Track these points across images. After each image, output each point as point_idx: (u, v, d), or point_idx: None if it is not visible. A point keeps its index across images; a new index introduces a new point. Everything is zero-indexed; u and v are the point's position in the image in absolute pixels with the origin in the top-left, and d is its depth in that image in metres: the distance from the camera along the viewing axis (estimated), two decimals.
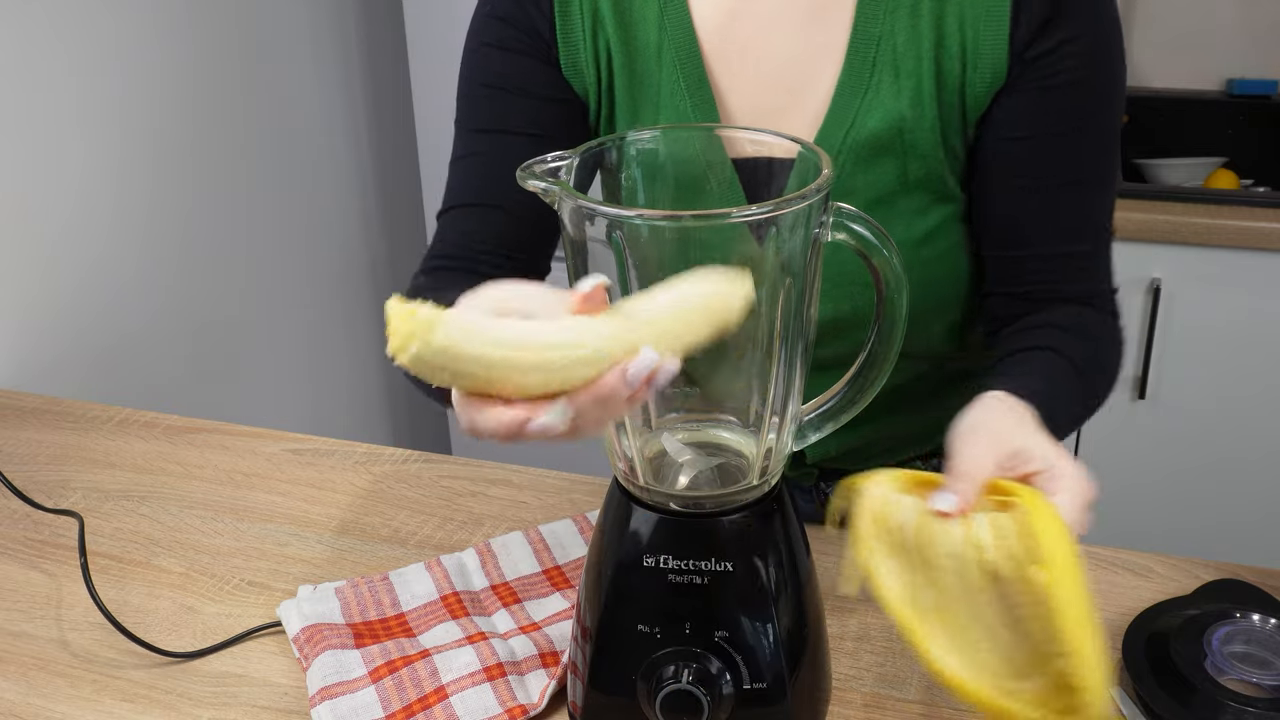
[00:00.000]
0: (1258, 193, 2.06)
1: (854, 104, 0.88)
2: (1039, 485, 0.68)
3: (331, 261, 2.17)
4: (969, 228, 0.95)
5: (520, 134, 0.93)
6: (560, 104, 0.93)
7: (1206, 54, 2.31)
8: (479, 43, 0.94)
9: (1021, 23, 0.85)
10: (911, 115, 0.88)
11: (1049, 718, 0.61)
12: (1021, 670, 0.63)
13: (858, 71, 0.88)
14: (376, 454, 1.18)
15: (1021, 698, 0.62)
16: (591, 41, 0.91)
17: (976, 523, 0.64)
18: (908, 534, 0.66)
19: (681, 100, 0.91)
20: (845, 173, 0.89)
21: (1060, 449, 0.71)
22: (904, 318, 0.73)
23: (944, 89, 0.88)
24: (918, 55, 0.87)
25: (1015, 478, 0.69)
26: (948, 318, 0.98)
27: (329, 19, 2.09)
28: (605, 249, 0.67)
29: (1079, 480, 0.68)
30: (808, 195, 0.66)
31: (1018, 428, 0.73)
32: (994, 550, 0.62)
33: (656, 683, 0.72)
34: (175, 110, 1.72)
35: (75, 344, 1.56)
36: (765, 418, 0.73)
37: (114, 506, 1.11)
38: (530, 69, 0.92)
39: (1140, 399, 2.03)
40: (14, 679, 0.90)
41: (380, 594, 0.95)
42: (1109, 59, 0.88)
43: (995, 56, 0.86)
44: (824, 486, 1.09)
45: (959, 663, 0.63)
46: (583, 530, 1.02)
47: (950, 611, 0.64)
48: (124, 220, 1.64)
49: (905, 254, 0.89)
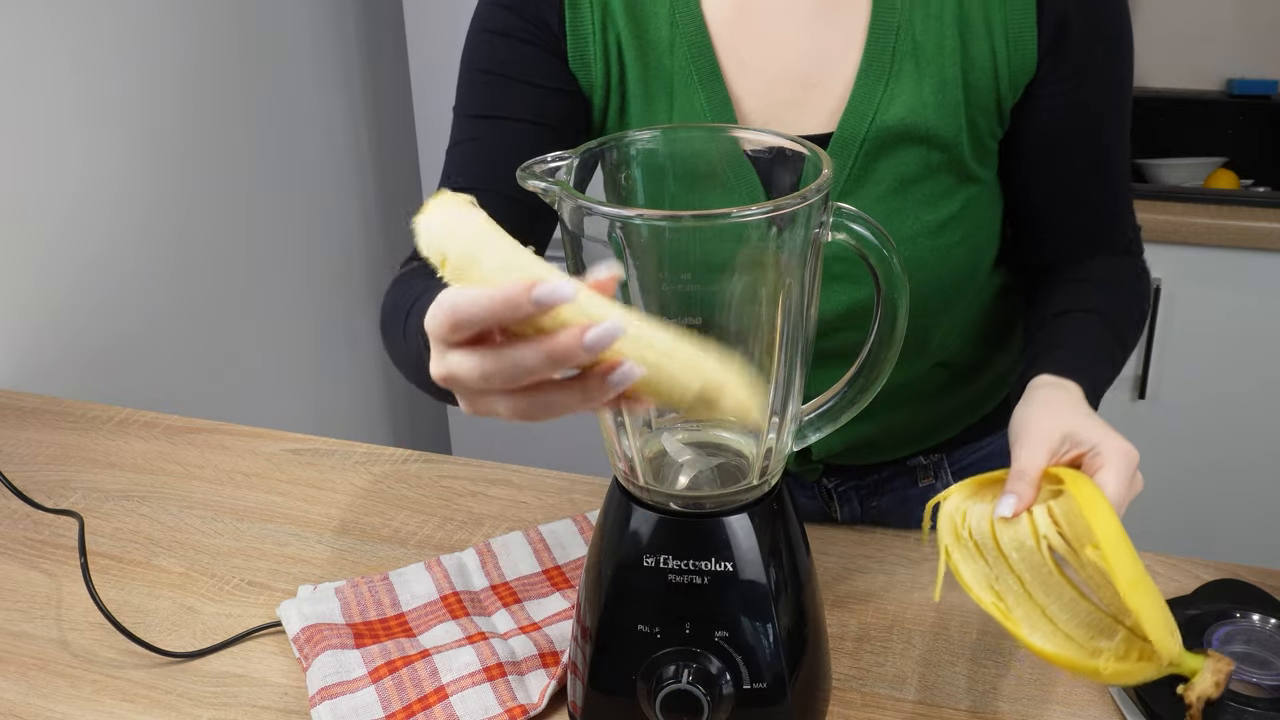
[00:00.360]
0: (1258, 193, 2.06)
1: (876, 94, 0.89)
2: (1088, 465, 0.75)
3: (331, 261, 2.17)
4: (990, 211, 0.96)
5: (520, 120, 0.92)
6: (563, 95, 0.93)
7: (1206, 54, 2.31)
8: (483, 29, 0.93)
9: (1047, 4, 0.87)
10: (935, 102, 0.88)
11: (1132, 665, 0.69)
12: (1101, 632, 0.70)
13: (878, 62, 0.88)
14: (376, 454, 1.18)
15: (1107, 655, 0.69)
16: (601, 35, 0.91)
17: (1036, 515, 0.71)
18: (981, 537, 0.73)
19: (695, 94, 0.91)
20: (867, 161, 0.89)
21: (1104, 427, 0.77)
22: (904, 318, 0.73)
23: (971, 71, 0.88)
24: (939, 42, 0.88)
25: (1067, 461, 0.76)
26: (961, 309, 0.99)
27: (329, 19, 2.09)
28: (605, 249, 0.67)
29: (1121, 455, 0.74)
30: (808, 195, 0.66)
31: (1065, 413, 0.78)
32: (1054, 537, 0.70)
33: (656, 683, 0.72)
34: (175, 110, 1.72)
35: (75, 344, 1.56)
36: (765, 418, 0.73)
37: (114, 506, 1.11)
38: (534, 59, 0.92)
39: (1140, 399, 2.03)
40: (14, 679, 0.90)
41: (380, 594, 0.95)
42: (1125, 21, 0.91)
43: (1024, 36, 0.87)
44: (826, 483, 1.09)
45: (1046, 638, 0.70)
46: (583, 530, 1.02)
47: (1030, 596, 0.71)
48: (124, 220, 1.64)
49: (924, 240, 0.91)
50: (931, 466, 1.08)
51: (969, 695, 0.84)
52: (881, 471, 1.08)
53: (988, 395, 1.07)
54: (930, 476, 1.08)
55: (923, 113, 0.88)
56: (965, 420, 1.07)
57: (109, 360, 1.62)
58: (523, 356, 0.53)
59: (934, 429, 1.06)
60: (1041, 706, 0.83)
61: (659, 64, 0.92)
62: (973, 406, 1.07)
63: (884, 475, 1.08)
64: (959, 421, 1.07)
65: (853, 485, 1.09)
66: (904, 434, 1.05)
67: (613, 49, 0.91)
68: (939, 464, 1.08)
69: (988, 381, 1.06)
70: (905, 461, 1.08)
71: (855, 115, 0.89)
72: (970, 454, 1.09)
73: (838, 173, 0.90)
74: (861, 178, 0.90)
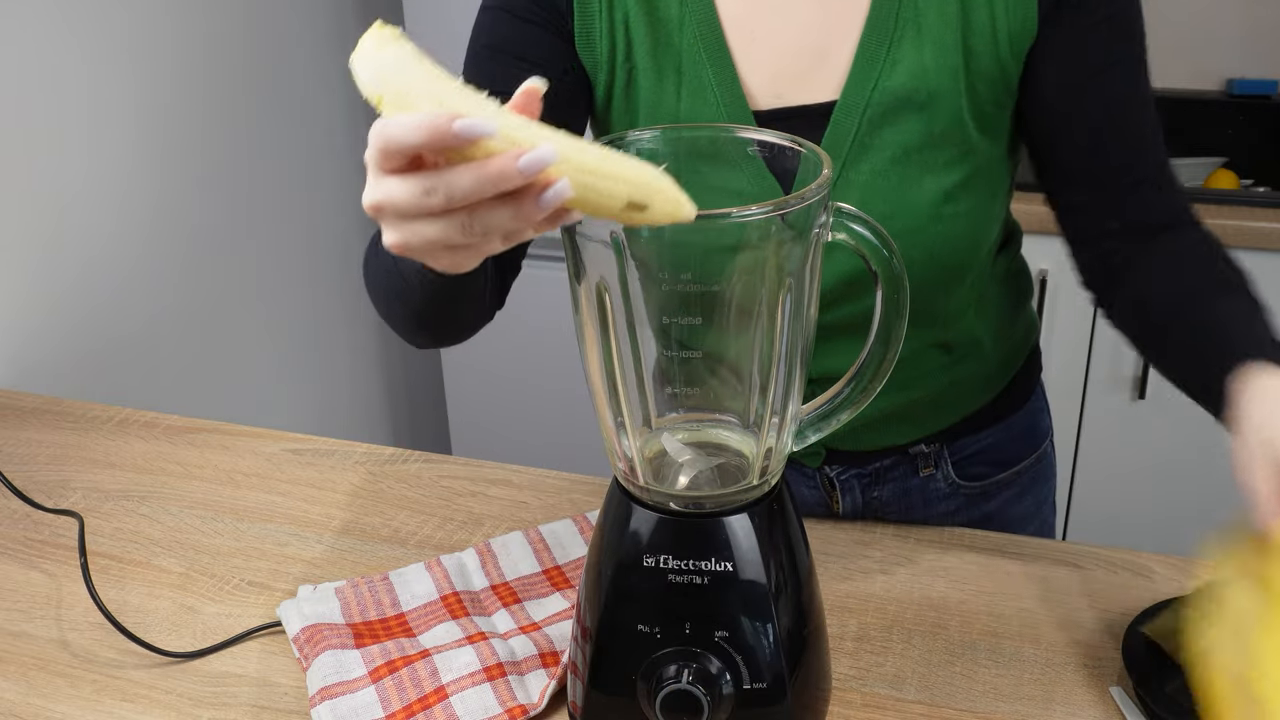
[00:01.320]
0: (1258, 193, 2.06)
1: (878, 61, 0.90)
2: None
3: (332, 261, 2.17)
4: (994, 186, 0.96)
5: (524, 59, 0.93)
6: (565, 75, 0.94)
7: (1206, 54, 2.31)
8: (490, 6, 0.95)
9: None
10: (934, 67, 0.89)
11: None
12: None
13: (880, 29, 0.90)
14: (376, 454, 1.18)
15: None
16: (608, 12, 0.92)
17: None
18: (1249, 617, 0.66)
19: (703, 70, 0.92)
20: (871, 129, 0.91)
21: None
22: (904, 318, 0.73)
23: (971, 36, 0.89)
24: (940, 7, 0.89)
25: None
26: (965, 284, 0.99)
27: (329, 19, 2.09)
28: (605, 248, 0.67)
29: None
30: (808, 195, 0.66)
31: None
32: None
33: (656, 683, 0.72)
34: (176, 111, 1.72)
35: (75, 344, 1.56)
36: (765, 418, 0.73)
37: (114, 506, 1.11)
38: (538, 38, 0.93)
39: (1140, 399, 2.03)
40: (14, 679, 0.90)
41: (380, 594, 0.95)
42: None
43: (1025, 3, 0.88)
44: (829, 471, 1.09)
45: None
46: (583, 530, 1.02)
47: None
48: (124, 220, 1.64)
49: (928, 211, 0.91)
50: (932, 456, 1.09)
51: (969, 695, 0.84)
52: (883, 460, 1.09)
53: (989, 381, 1.08)
54: (931, 466, 1.09)
55: (923, 78, 0.89)
56: (966, 405, 1.07)
57: (109, 360, 1.62)
58: (458, 176, 0.55)
59: (936, 412, 1.06)
60: (1041, 706, 0.83)
61: (669, 40, 0.93)
62: (974, 391, 1.07)
63: (885, 464, 1.09)
64: (960, 406, 1.07)
65: (854, 474, 1.09)
66: (906, 416, 1.05)
67: (619, 26, 0.92)
68: (939, 453, 1.09)
69: (989, 367, 1.07)
70: (907, 449, 1.08)
71: (859, 82, 0.90)
72: (970, 445, 1.09)
73: (842, 140, 0.91)
74: (866, 145, 0.91)
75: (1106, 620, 0.91)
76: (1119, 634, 0.87)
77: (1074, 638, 0.89)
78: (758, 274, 0.68)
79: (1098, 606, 0.92)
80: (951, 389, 1.06)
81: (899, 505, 1.11)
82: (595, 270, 0.69)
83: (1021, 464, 1.13)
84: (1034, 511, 1.15)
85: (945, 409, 1.07)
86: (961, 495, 1.11)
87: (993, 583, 0.96)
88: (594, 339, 0.72)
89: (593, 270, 0.69)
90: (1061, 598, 0.93)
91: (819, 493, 1.11)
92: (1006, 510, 1.13)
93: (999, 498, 1.12)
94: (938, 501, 1.11)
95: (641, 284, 0.69)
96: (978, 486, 1.11)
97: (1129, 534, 2.12)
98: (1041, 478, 1.16)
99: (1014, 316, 1.08)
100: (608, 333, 0.71)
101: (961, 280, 0.98)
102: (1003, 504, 1.13)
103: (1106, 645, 0.88)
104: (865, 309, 0.75)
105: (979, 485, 1.11)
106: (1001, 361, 1.08)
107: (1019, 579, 0.96)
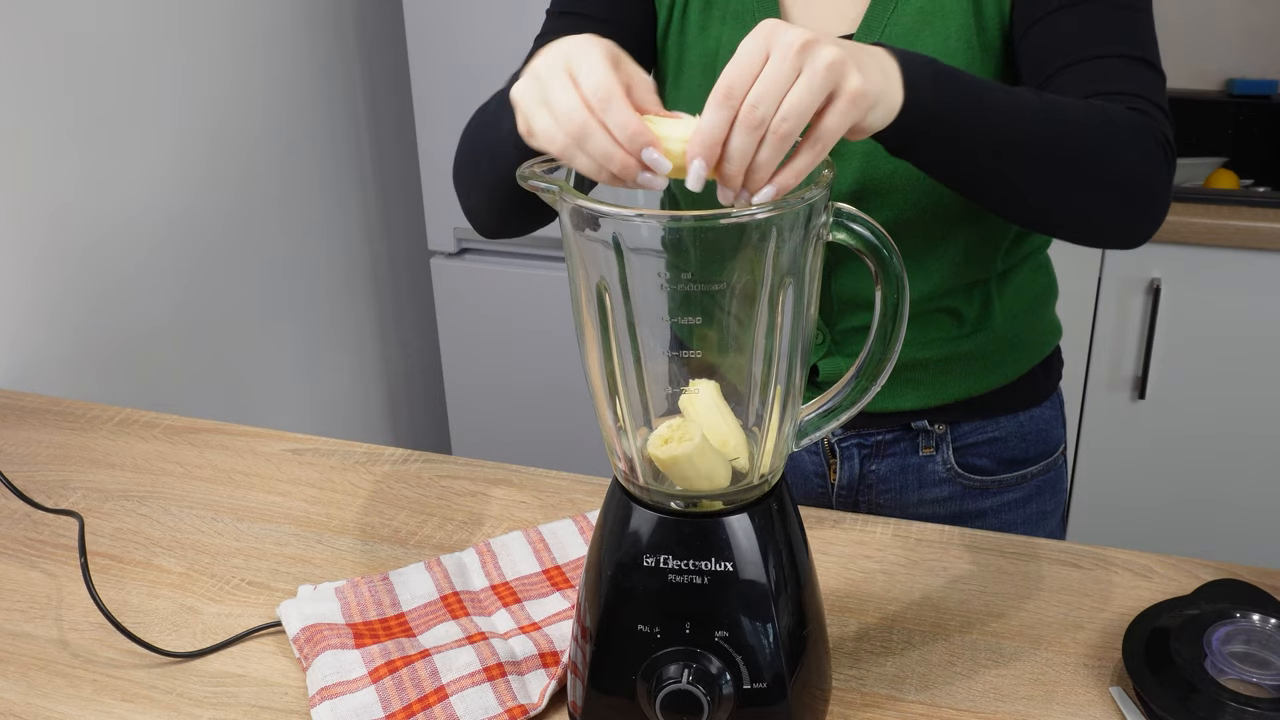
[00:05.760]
0: (1258, 193, 2.07)
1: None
2: None
3: (332, 261, 2.17)
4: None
5: (598, 19, 1.02)
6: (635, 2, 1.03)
7: (1206, 54, 2.31)
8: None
9: None
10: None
11: None
12: None
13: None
14: (376, 454, 1.18)
15: None
16: None
17: None
18: None
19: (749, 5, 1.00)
20: None
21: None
22: (905, 318, 0.73)
23: None
24: None
25: None
26: (972, 231, 1.01)
27: (328, 19, 2.09)
28: (606, 248, 0.67)
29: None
30: (808, 195, 0.66)
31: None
32: None
33: (656, 683, 0.72)
34: (175, 111, 1.72)
35: (75, 344, 1.56)
36: (765, 418, 0.73)
37: (114, 506, 1.11)
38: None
39: (1140, 399, 2.04)
40: (14, 679, 0.90)
41: (380, 594, 0.95)
42: None
43: None
44: (831, 439, 1.09)
45: None
46: (583, 530, 1.02)
47: None
48: (124, 220, 1.64)
49: None
50: (935, 437, 1.09)
51: (969, 695, 0.84)
52: (885, 433, 1.09)
53: (998, 363, 1.08)
54: (932, 447, 1.09)
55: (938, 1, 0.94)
56: (973, 382, 1.07)
57: (109, 360, 1.62)
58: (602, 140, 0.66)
59: (942, 379, 1.07)
60: (1041, 706, 0.83)
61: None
62: (982, 368, 1.07)
63: (887, 437, 1.09)
64: (966, 380, 1.07)
65: (855, 442, 1.10)
66: (911, 376, 1.06)
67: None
68: (943, 437, 1.09)
69: (999, 348, 1.07)
70: (910, 424, 1.08)
71: (879, 5, 0.96)
72: (976, 433, 1.09)
73: None
74: None
75: (1106, 620, 0.91)
76: (1119, 634, 0.87)
77: (1074, 638, 0.89)
78: (758, 274, 0.68)
79: (1097, 606, 0.92)
80: (959, 360, 1.06)
81: (895, 483, 1.11)
82: (595, 270, 0.69)
83: (1027, 468, 1.12)
84: (1037, 523, 1.15)
85: (951, 379, 1.07)
86: (959, 484, 1.11)
87: (993, 583, 0.96)
88: (594, 339, 0.72)
89: (593, 270, 0.69)
90: (1061, 598, 0.94)
91: (819, 459, 1.12)
92: (1004, 513, 1.13)
93: (998, 497, 1.12)
94: (933, 485, 1.10)
95: (642, 283, 0.69)
96: (977, 481, 1.11)
97: (1129, 534, 2.12)
98: (1048, 489, 1.15)
99: (1032, 307, 1.10)
100: (608, 333, 0.71)
101: (973, 223, 1.01)
102: (1001, 505, 1.12)
103: (1106, 645, 0.88)
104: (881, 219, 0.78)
105: (979, 480, 1.11)
106: (1013, 346, 1.09)
107: (1019, 579, 0.96)
